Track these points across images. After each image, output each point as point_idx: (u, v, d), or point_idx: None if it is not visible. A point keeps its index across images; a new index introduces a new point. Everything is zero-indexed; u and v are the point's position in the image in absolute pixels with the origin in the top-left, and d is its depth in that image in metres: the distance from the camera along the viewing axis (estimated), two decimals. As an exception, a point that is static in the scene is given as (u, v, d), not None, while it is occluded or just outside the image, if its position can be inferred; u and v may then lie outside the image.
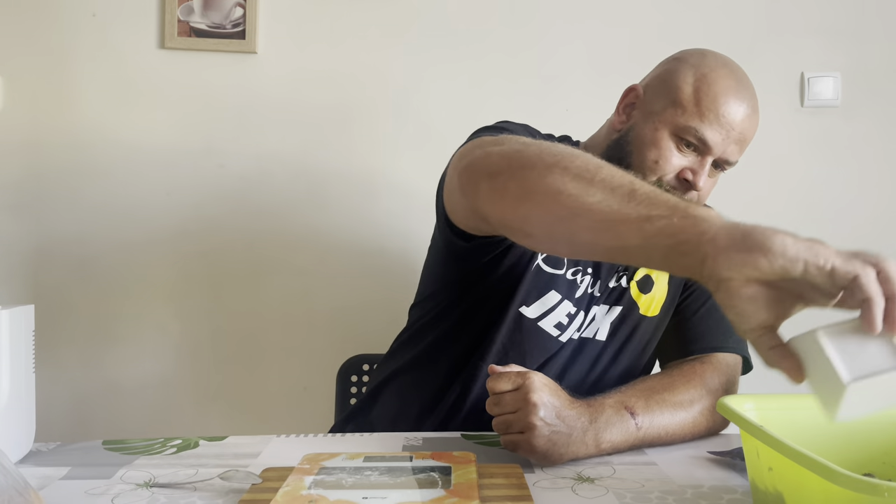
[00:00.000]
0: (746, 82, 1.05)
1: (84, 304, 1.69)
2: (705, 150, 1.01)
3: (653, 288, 1.10)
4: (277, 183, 1.70)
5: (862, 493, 0.48)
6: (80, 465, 0.87)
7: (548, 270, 1.05)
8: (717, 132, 1.00)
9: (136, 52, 1.69)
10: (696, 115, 1.01)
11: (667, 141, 1.03)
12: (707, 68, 1.03)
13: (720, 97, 1.00)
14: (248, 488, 0.76)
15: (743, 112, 1.01)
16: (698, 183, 1.01)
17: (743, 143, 1.03)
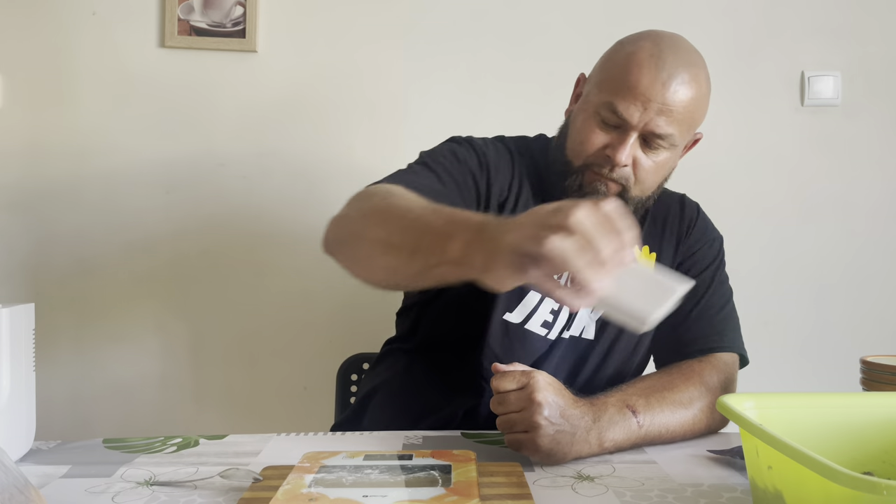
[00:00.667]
0: (675, 53, 0.99)
1: (84, 302, 1.69)
2: (624, 124, 0.99)
3: None
4: (277, 182, 1.70)
5: (861, 491, 0.48)
6: (80, 463, 0.87)
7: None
8: (632, 105, 0.97)
9: (137, 50, 1.69)
10: (611, 91, 0.99)
11: (589, 122, 1.02)
12: (631, 46, 1.01)
13: (633, 69, 0.98)
14: (249, 486, 0.76)
15: (663, 82, 0.97)
16: (616, 156, 0.99)
17: (672, 115, 0.98)
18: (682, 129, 1.01)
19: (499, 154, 1.09)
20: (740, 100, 1.72)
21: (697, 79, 1.01)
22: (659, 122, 0.98)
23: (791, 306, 1.73)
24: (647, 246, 1.12)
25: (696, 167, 1.73)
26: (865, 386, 0.93)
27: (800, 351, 1.73)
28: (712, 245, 1.16)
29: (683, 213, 1.17)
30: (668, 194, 1.20)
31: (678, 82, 0.98)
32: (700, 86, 1.01)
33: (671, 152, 1.03)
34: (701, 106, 1.03)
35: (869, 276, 1.73)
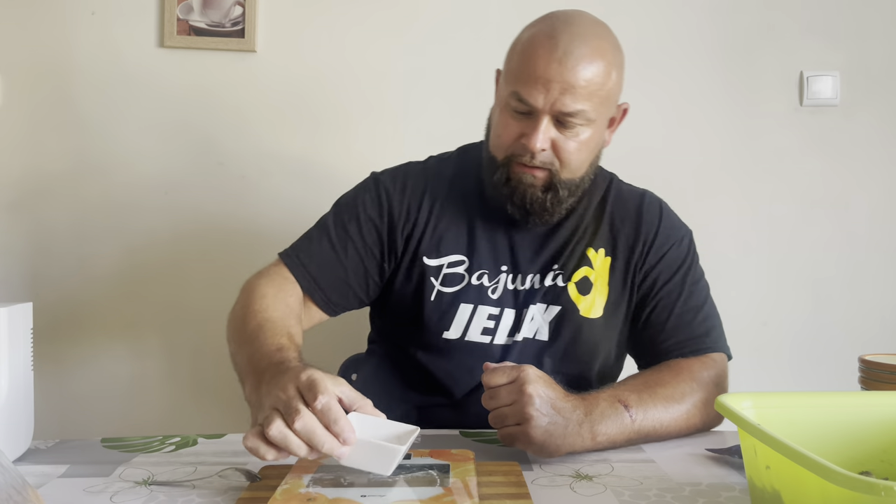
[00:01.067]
0: (569, 30, 0.98)
1: (82, 301, 1.69)
2: (532, 110, 0.98)
3: (591, 290, 1.08)
4: (276, 181, 1.70)
5: (859, 492, 0.48)
6: (78, 462, 0.87)
7: (449, 291, 1.08)
8: (534, 89, 0.97)
9: (136, 50, 1.69)
10: (515, 80, 0.99)
11: (503, 114, 1.03)
12: (527, 32, 1.02)
13: (530, 54, 0.98)
14: (247, 486, 0.76)
15: (559, 60, 0.96)
16: (531, 143, 0.98)
17: (577, 90, 0.96)
18: (593, 104, 0.99)
19: (406, 188, 1.11)
20: (739, 99, 1.72)
21: (598, 50, 0.99)
22: (565, 100, 0.97)
23: (790, 305, 1.73)
24: (603, 249, 1.11)
25: (694, 167, 1.73)
26: (864, 385, 0.93)
27: (798, 350, 1.73)
28: (681, 244, 1.13)
29: (643, 213, 1.13)
30: (629, 192, 1.18)
31: (575, 58, 0.96)
32: (603, 56, 0.99)
33: (591, 128, 1.01)
34: (609, 76, 1.00)
35: (867, 275, 1.73)
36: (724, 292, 1.72)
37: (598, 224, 1.12)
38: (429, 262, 1.08)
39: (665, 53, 1.72)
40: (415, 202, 1.11)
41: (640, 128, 1.72)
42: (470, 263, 1.08)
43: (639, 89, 1.72)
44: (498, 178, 1.04)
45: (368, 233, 1.09)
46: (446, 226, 1.10)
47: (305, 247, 1.09)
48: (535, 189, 1.03)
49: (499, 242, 1.10)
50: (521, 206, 1.04)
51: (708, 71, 1.72)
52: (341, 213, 1.11)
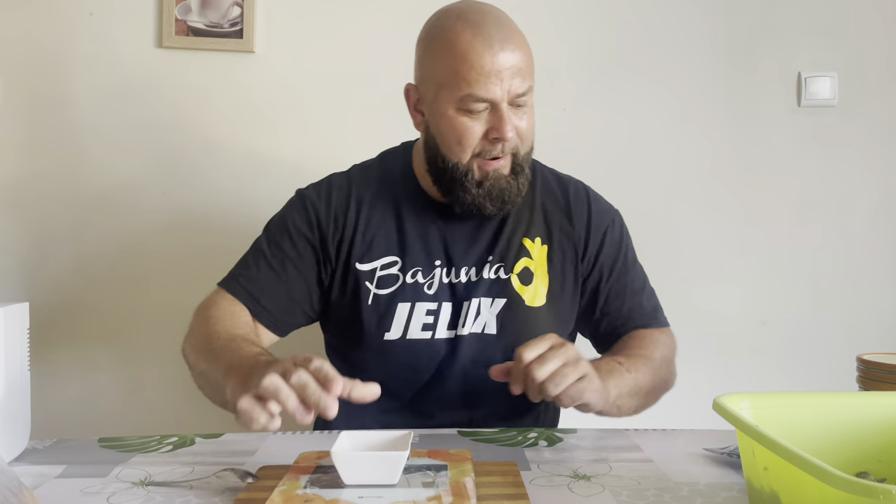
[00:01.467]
0: (486, 18, 1.01)
1: (79, 302, 1.69)
2: (492, 104, 1.00)
3: (533, 279, 1.10)
4: (274, 183, 1.69)
5: (857, 494, 0.48)
6: (75, 462, 0.87)
7: (384, 292, 1.09)
8: (490, 84, 0.99)
9: (134, 51, 1.68)
10: (463, 85, 1.00)
11: (458, 119, 1.02)
12: (446, 37, 1.02)
13: (469, 56, 0.99)
14: (244, 487, 0.76)
15: (500, 48, 0.99)
16: (503, 134, 1.01)
17: (522, 70, 1.01)
18: (532, 77, 1.04)
19: (331, 198, 1.13)
20: (737, 100, 1.72)
21: (516, 29, 1.04)
22: (516, 83, 1.00)
23: (788, 305, 1.73)
24: (539, 238, 1.13)
25: (692, 167, 1.73)
26: (862, 384, 0.93)
27: (797, 350, 1.73)
28: (615, 226, 1.17)
29: (571, 200, 1.16)
30: (555, 178, 1.20)
31: (507, 41, 1.00)
32: (521, 33, 1.04)
33: (532, 98, 1.06)
34: (529, 49, 1.06)
35: (865, 275, 1.73)
36: (722, 292, 1.73)
37: (531, 213, 1.14)
38: (361, 267, 1.09)
39: (663, 54, 1.72)
40: (341, 210, 1.12)
41: (639, 128, 1.72)
42: (403, 263, 1.10)
43: (637, 90, 1.72)
44: (470, 182, 1.04)
45: (303, 248, 1.11)
46: (375, 229, 1.11)
47: (244, 272, 1.11)
48: (506, 179, 1.05)
49: (430, 238, 1.11)
50: (499, 200, 1.06)
51: (706, 71, 1.72)
52: (273, 234, 1.13)
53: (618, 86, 1.72)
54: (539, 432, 0.99)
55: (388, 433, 0.81)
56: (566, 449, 0.91)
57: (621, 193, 1.66)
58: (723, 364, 1.72)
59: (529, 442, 0.94)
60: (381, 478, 0.74)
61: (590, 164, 1.69)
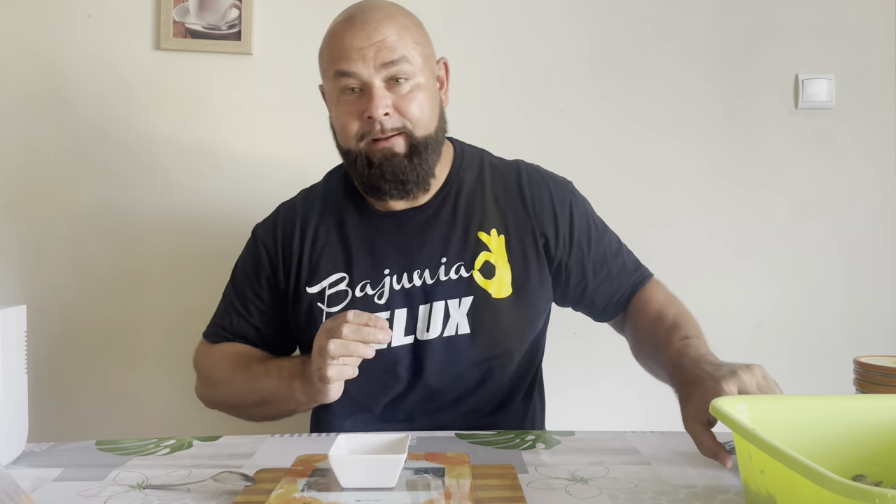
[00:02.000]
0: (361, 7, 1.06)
1: (77, 304, 1.69)
2: (360, 81, 1.03)
3: (495, 271, 1.10)
4: (272, 185, 1.69)
5: (853, 498, 0.48)
6: (73, 465, 0.87)
7: (335, 310, 1.09)
8: (353, 60, 1.02)
9: (132, 53, 1.68)
10: (333, 64, 1.05)
11: (339, 106, 1.07)
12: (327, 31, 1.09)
13: (336, 41, 1.04)
14: (242, 490, 0.76)
15: (363, 27, 1.02)
16: (373, 110, 1.01)
17: (389, 42, 1.02)
18: (413, 53, 1.04)
19: (277, 230, 1.17)
20: (735, 102, 1.73)
21: (391, 11, 1.06)
22: (383, 55, 1.01)
23: (785, 307, 1.73)
24: (495, 230, 1.12)
25: (690, 169, 1.73)
26: (859, 387, 0.93)
27: (794, 352, 1.73)
28: (575, 198, 1.18)
29: (525, 184, 1.16)
30: (503, 166, 1.20)
31: (375, 20, 1.03)
32: (399, 13, 1.06)
33: (423, 79, 1.05)
34: (414, 25, 1.07)
35: (863, 277, 1.73)
36: (719, 294, 1.73)
37: (483, 206, 1.14)
38: (311, 290, 1.11)
39: (661, 56, 1.72)
40: (288, 240, 1.15)
41: (636, 130, 1.72)
42: (350, 277, 1.10)
43: (635, 92, 1.72)
44: (362, 166, 1.06)
45: (262, 288, 1.16)
46: (321, 250, 1.13)
47: (221, 322, 1.19)
48: (399, 157, 1.05)
49: (378, 249, 1.11)
50: (395, 181, 1.06)
51: (704, 73, 1.72)
52: (237, 281, 1.20)
53: (615, 88, 1.72)
54: (537, 435, 0.99)
55: (385, 436, 0.81)
56: (563, 452, 0.91)
57: (618, 195, 1.68)
58: (720, 366, 1.72)
59: (527, 445, 0.94)
60: (378, 481, 0.74)
61: (587, 166, 1.69)
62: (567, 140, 1.70)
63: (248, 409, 1.10)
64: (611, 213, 1.27)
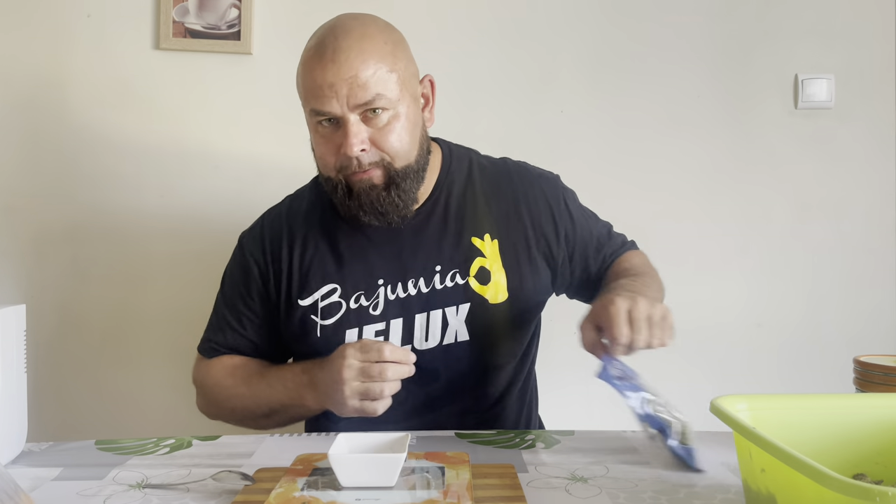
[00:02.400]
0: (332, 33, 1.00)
1: (76, 304, 1.69)
2: (334, 117, 0.99)
3: (491, 276, 1.09)
4: (272, 185, 1.68)
5: (853, 496, 0.48)
6: (72, 465, 0.87)
7: (329, 323, 1.08)
8: (325, 98, 0.97)
9: (131, 52, 1.68)
10: (307, 100, 1.01)
11: (315, 136, 1.04)
12: (303, 55, 1.03)
13: (307, 72, 1.00)
14: (241, 489, 0.76)
15: (332, 61, 0.97)
16: (348, 150, 0.98)
17: (363, 79, 0.97)
18: (388, 85, 0.99)
19: (265, 240, 1.15)
20: (734, 102, 1.73)
21: (365, 36, 1.00)
22: (356, 94, 0.97)
23: (785, 307, 1.73)
24: (488, 234, 1.11)
25: (689, 170, 1.73)
26: (859, 386, 0.93)
27: (794, 351, 1.73)
28: (567, 192, 1.19)
29: (516, 185, 1.15)
30: (492, 167, 1.18)
31: (345, 52, 0.97)
32: (372, 39, 1.00)
33: (402, 108, 1.01)
34: (386, 55, 1.00)
35: (862, 276, 1.73)
36: (719, 294, 1.73)
37: (475, 211, 1.12)
38: (303, 302, 1.09)
39: (661, 56, 1.72)
40: (276, 252, 1.13)
41: (636, 130, 1.72)
42: (343, 289, 1.08)
43: (635, 92, 1.72)
44: (342, 196, 1.04)
45: (254, 300, 1.14)
46: (310, 261, 1.11)
47: (213, 337, 1.17)
48: (377, 190, 1.03)
49: (370, 258, 1.09)
50: (374, 212, 1.04)
51: (703, 74, 1.72)
52: (227, 294, 1.17)
53: (615, 88, 1.72)
54: (536, 434, 0.99)
55: (385, 435, 0.81)
56: (563, 451, 0.91)
57: (618, 195, 1.68)
58: (720, 366, 1.72)
59: (527, 444, 0.94)
60: (378, 480, 0.74)
61: (586, 166, 1.69)
62: (567, 140, 1.70)
63: (257, 421, 1.09)
64: (611, 212, 1.27)
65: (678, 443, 0.86)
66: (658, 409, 0.89)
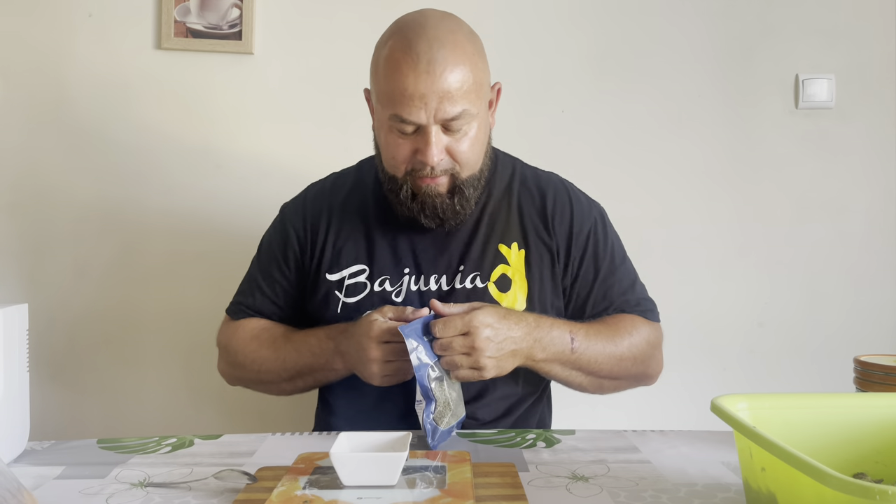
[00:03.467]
0: (423, 36, 0.98)
1: (79, 303, 1.69)
2: (418, 126, 0.99)
3: (511, 286, 1.09)
4: (274, 184, 1.69)
5: (853, 495, 0.48)
6: (74, 464, 0.87)
7: (352, 301, 1.10)
8: (413, 108, 0.97)
9: (133, 52, 1.68)
10: (390, 103, 1.00)
11: (390, 136, 1.03)
12: (384, 50, 1.01)
13: (395, 75, 0.97)
14: (243, 488, 0.76)
15: (427, 72, 0.96)
16: (427, 159, 0.99)
17: (453, 94, 0.97)
18: (471, 99, 1.00)
19: (306, 212, 1.18)
20: (735, 102, 1.73)
21: (458, 46, 0.99)
22: (445, 108, 0.97)
23: (786, 306, 1.74)
24: (516, 244, 1.11)
25: (690, 169, 1.74)
26: (859, 385, 0.94)
27: (794, 351, 1.73)
28: (597, 226, 1.16)
29: (549, 203, 1.15)
30: (534, 180, 1.18)
31: (440, 64, 0.96)
32: (464, 50, 0.99)
33: (476, 121, 1.02)
34: (476, 67, 1.01)
35: (863, 276, 1.74)
36: (720, 293, 1.73)
37: (508, 218, 1.13)
38: (330, 277, 1.12)
39: (661, 56, 1.72)
40: (315, 223, 1.16)
41: (637, 130, 1.72)
42: (371, 271, 1.10)
43: (635, 92, 1.73)
44: (405, 196, 1.06)
45: (290, 269, 1.17)
46: (345, 239, 1.13)
47: (244, 300, 1.20)
48: (442, 197, 1.05)
49: (399, 247, 1.11)
50: (433, 217, 1.06)
51: (704, 73, 1.73)
52: (263, 259, 1.21)
53: (616, 88, 1.73)
54: (537, 433, 0.99)
55: (386, 434, 0.81)
56: (564, 450, 0.91)
57: (618, 195, 1.68)
58: (720, 365, 1.72)
59: (528, 443, 0.95)
60: (379, 479, 0.74)
61: (587, 165, 1.69)
62: (568, 139, 1.70)
63: (279, 385, 1.13)
64: (611, 213, 1.27)
65: (431, 418, 0.91)
66: (434, 383, 0.92)
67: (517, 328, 0.97)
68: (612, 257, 1.16)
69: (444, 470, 0.78)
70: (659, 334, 1.16)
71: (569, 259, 1.13)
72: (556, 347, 1.01)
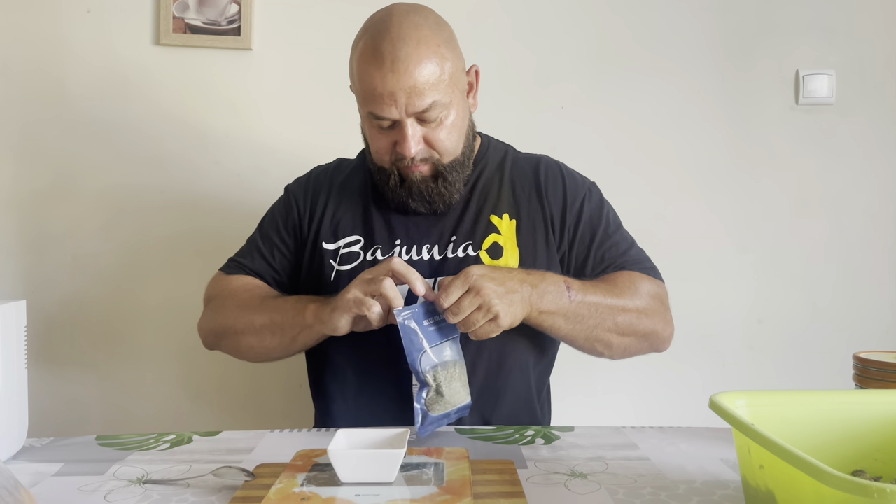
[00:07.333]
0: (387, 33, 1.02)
1: (77, 300, 1.69)
2: (393, 121, 1.04)
3: (503, 253, 1.12)
4: (273, 180, 1.69)
5: (851, 493, 0.48)
6: (72, 461, 0.87)
7: (345, 269, 1.13)
8: (384, 105, 1.02)
9: (131, 48, 1.68)
10: (364, 101, 1.06)
11: (371, 130, 1.10)
12: (356, 49, 1.07)
13: (364, 74, 1.03)
14: (241, 485, 0.76)
15: (392, 70, 1.00)
16: (405, 152, 1.05)
17: (421, 87, 1.01)
18: (441, 90, 1.03)
19: (309, 186, 1.23)
20: (735, 98, 1.72)
21: (421, 41, 1.02)
22: (415, 102, 1.02)
23: (785, 303, 1.73)
24: (507, 214, 1.15)
25: (690, 165, 1.73)
26: (858, 382, 0.94)
27: (794, 348, 1.73)
28: (591, 195, 1.20)
29: (541, 176, 1.19)
30: (526, 159, 1.23)
31: (403, 62, 1.00)
32: (428, 44, 1.03)
33: (451, 109, 1.07)
34: (442, 58, 1.04)
35: (863, 273, 1.73)
36: (719, 290, 1.73)
37: (499, 192, 1.17)
38: (327, 246, 1.16)
39: (661, 52, 1.72)
40: (316, 196, 1.21)
41: (636, 126, 1.72)
42: (365, 242, 1.14)
43: (635, 88, 1.72)
44: (394, 183, 1.11)
45: (289, 234, 1.21)
46: (343, 212, 1.18)
47: (241, 260, 1.22)
48: (427, 181, 1.10)
49: (393, 221, 1.16)
50: (422, 201, 1.12)
51: (704, 69, 1.72)
52: (264, 226, 1.25)
53: (615, 84, 1.72)
54: (536, 430, 0.99)
55: (384, 431, 0.81)
56: (563, 447, 0.91)
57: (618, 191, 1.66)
58: (720, 362, 1.72)
59: (526, 440, 0.95)
60: (377, 476, 0.74)
61: (587, 162, 1.67)
62: (567, 136, 1.70)
63: (249, 338, 1.10)
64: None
65: (423, 403, 0.92)
66: (428, 369, 0.93)
67: (511, 275, 0.98)
68: (608, 222, 1.19)
69: (442, 467, 0.78)
70: (663, 291, 1.16)
71: (563, 226, 1.16)
72: (554, 296, 1.00)
